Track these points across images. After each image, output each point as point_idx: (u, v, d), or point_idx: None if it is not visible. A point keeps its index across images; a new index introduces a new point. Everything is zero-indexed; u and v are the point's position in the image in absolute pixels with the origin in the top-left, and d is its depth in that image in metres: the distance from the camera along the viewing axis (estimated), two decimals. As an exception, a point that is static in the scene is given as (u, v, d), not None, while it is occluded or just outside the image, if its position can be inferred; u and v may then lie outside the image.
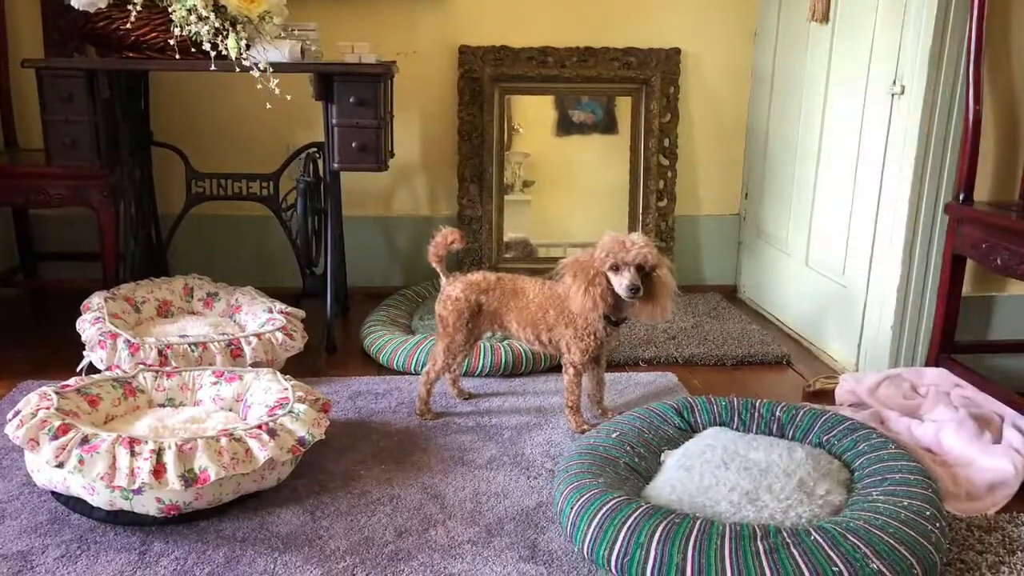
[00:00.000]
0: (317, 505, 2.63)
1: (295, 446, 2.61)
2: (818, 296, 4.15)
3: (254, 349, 3.37)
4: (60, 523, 2.51)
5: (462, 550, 2.40)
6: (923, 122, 3.40)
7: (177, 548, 2.39)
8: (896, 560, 2.12)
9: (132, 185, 4.12)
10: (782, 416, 2.89)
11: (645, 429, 2.82)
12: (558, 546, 2.42)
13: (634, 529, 2.23)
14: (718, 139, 5.01)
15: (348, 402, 3.38)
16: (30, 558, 2.33)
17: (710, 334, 4.18)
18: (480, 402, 3.42)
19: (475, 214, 4.80)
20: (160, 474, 2.37)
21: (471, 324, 3.19)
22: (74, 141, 3.64)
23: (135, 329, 3.57)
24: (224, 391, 2.98)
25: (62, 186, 3.77)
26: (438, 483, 2.77)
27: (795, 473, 2.49)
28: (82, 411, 2.70)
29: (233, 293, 3.92)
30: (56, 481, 2.48)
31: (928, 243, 3.50)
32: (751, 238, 4.95)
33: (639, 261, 2.89)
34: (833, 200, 4.06)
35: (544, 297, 3.12)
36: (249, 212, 4.61)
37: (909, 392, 3.27)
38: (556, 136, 4.92)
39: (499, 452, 2.99)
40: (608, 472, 2.55)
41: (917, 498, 2.34)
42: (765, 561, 2.11)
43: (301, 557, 2.36)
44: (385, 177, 4.75)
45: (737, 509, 2.36)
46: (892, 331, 3.57)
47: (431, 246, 3.19)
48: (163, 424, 2.74)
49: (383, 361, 3.77)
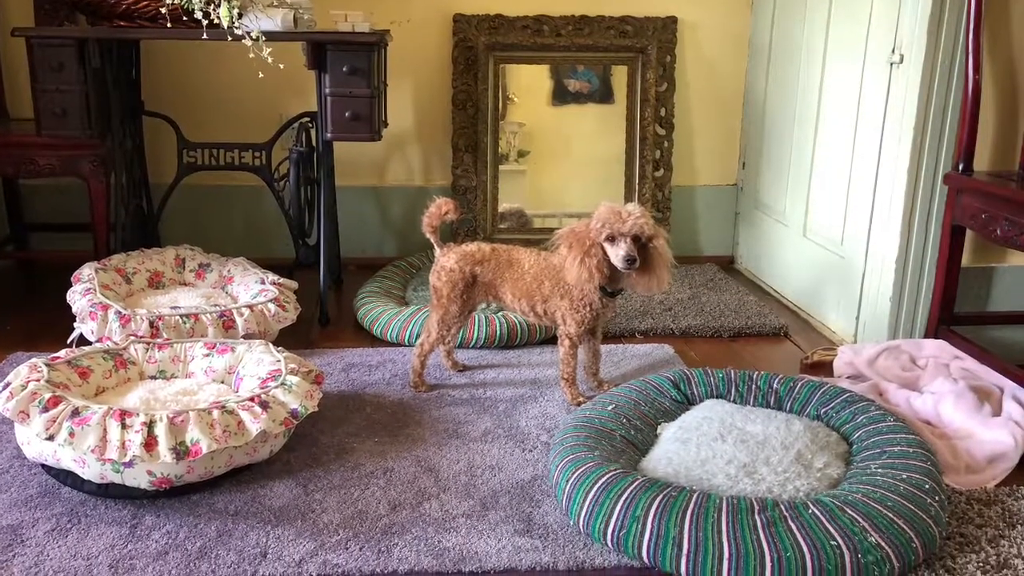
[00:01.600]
0: (310, 478, 2.61)
1: (288, 418, 2.59)
2: (816, 267, 4.13)
3: (246, 321, 3.34)
4: (50, 496, 2.50)
5: (456, 524, 2.39)
6: (922, 91, 3.37)
7: (169, 522, 2.38)
8: (895, 534, 2.11)
9: (123, 155, 4.10)
10: (780, 388, 2.87)
11: (641, 401, 2.81)
12: (554, 519, 2.41)
13: (630, 502, 2.22)
14: (715, 109, 4.98)
15: (341, 374, 3.36)
16: (20, 532, 2.32)
17: (707, 305, 4.16)
18: (475, 374, 3.40)
19: (470, 184, 4.78)
20: (151, 447, 2.35)
21: (465, 295, 3.16)
22: (64, 111, 3.62)
23: (126, 300, 3.55)
24: (216, 363, 2.96)
25: (52, 156, 3.76)
26: (432, 456, 2.76)
27: (793, 446, 2.47)
28: (72, 383, 2.69)
29: (225, 264, 3.90)
30: (46, 454, 2.46)
31: (927, 214, 3.47)
32: (748, 208, 4.93)
33: (635, 232, 2.87)
34: (831, 170, 4.03)
35: (539, 268, 3.10)
36: (241, 182, 4.58)
37: (908, 364, 3.25)
38: (551, 106, 4.90)
39: (494, 425, 2.98)
40: (604, 445, 2.53)
41: (916, 471, 2.33)
42: (763, 535, 2.10)
43: (294, 531, 2.34)
44: (379, 147, 4.72)
45: (734, 482, 2.35)
46: (891, 302, 3.55)
47: (425, 216, 3.17)
48: (154, 396, 2.72)
49: (377, 333, 3.75)
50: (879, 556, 2.08)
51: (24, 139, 3.81)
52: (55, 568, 2.17)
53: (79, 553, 2.23)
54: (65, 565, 2.18)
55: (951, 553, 2.24)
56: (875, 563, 2.07)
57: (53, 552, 2.24)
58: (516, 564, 2.22)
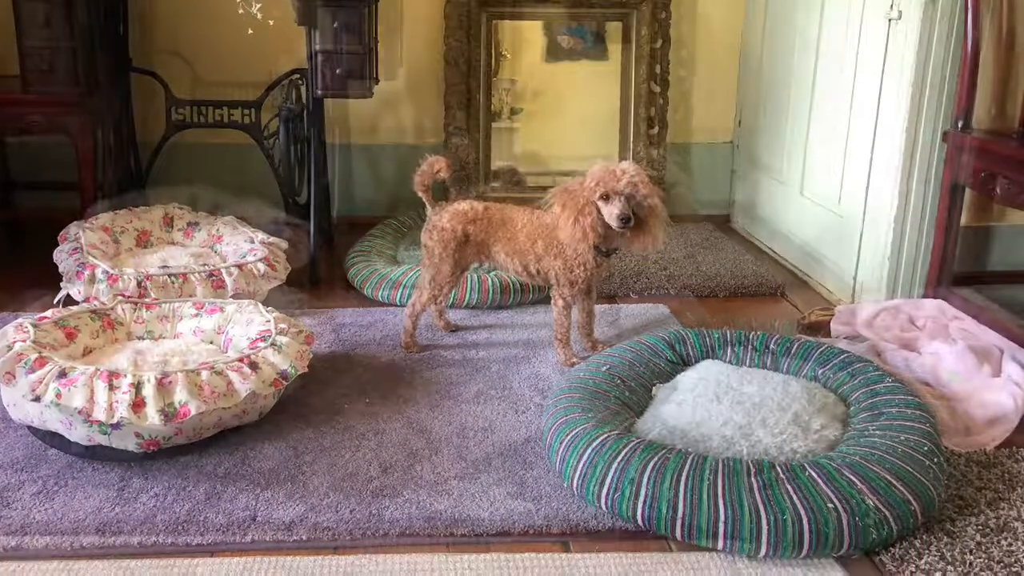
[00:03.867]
0: (300, 440, 2.59)
1: (277, 379, 2.57)
2: (813, 226, 4.10)
3: (236, 280, 3.32)
4: (37, 459, 2.48)
5: (449, 486, 2.37)
6: (921, 48, 3.33)
7: (157, 484, 2.36)
8: (893, 496, 2.10)
9: (110, 112, 4.07)
10: (776, 349, 2.85)
11: (636, 362, 2.78)
12: (547, 482, 2.39)
13: (625, 464, 2.21)
14: (711, 65, 4.93)
15: (332, 334, 3.33)
16: (5, 495, 2.30)
17: (703, 265, 4.13)
18: (467, 334, 3.38)
19: (462, 142, 4.73)
20: (139, 408, 2.33)
21: (458, 255, 3.13)
22: (51, 67, 3.60)
23: (113, 260, 3.52)
24: (205, 323, 2.94)
25: (39, 113, 3.73)
26: (424, 417, 2.74)
27: (790, 407, 2.45)
28: (59, 344, 2.66)
29: (214, 223, 3.87)
30: (32, 416, 2.45)
31: (926, 172, 3.43)
32: (745, 166, 4.89)
33: (630, 190, 2.84)
34: (829, 128, 3.99)
35: (533, 227, 3.07)
36: (231, 140, 4.54)
37: (906, 324, 3.23)
38: (545, 62, 4.87)
39: (486, 386, 2.96)
40: (598, 406, 2.51)
41: (915, 433, 2.31)
42: (759, 497, 2.08)
43: (284, 493, 2.33)
44: (370, 104, 4.66)
45: (730, 444, 2.33)
46: (889, 262, 3.52)
47: (417, 174, 3.14)
48: (142, 357, 2.69)
49: (368, 292, 3.72)
50: (877, 519, 2.06)
51: (10, 96, 3.79)
52: (41, 531, 2.16)
53: (66, 516, 2.22)
54: (52, 528, 2.17)
55: (950, 516, 2.23)
56: (873, 526, 2.06)
57: (39, 515, 2.22)
58: (509, 527, 2.21)
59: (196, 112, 4.24)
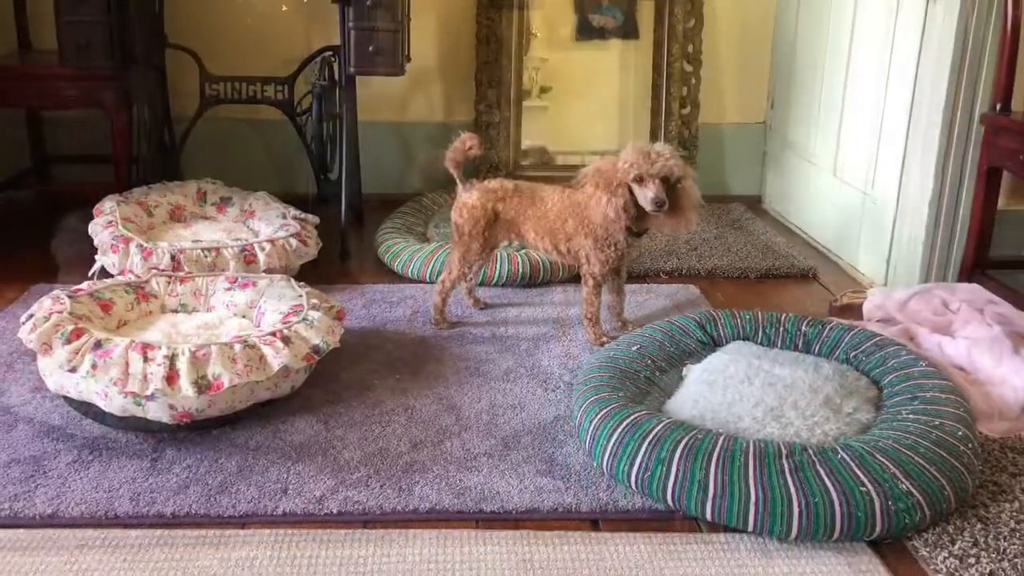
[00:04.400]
0: (331, 415, 2.60)
1: (309, 354, 2.58)
2: (846, 208, 4.07)
3: (268, 255, 3.34)
4: (72, 428, 2.50)
5: (478, 463, 2.37)
6: (959, 27, 3.30)
7: (189, 456, 2.38)
8: (926, 481, 2.08)
9: (146, 87, 4.10)
10: (808, 331, 2.84)
11: (666, 342, 2.78)
12: (576, 460, 2.39)
13: (655, 444, 2.20)
14: (744, 45, 4.91)
15: (362, 310, 3.35)
16: (43, 463, 2.33)
17: (733, 246, 4.12)
18: (496, 312, 3.38)
19: (492, 120, 4.74)
20: (173, 380, 2.35)
21: (487, 232, 3.13)
22: (88, 42, 3.61)
23: (147, 233, 3.55)
24: (238, 297, 2.94)
25: (75, 88, 3.76)
26: (453, 394, 2.74)
27: (821, 390, 2.44)
28: (95, 316, 2.68)
29: (247, 198, 3.89)
30: (69, 386, 2.46)
31: (962, 154, 3.41)
32: (777, 147, 4.87)
33: (664, 173, 2.82)
34: (863, 109, 3.96)
35: (563, 206, 3.06)
36: (264, 116, 4.56)
37: (940, 308, 3.20)
38: (575, 41, 4.85)
39: (516, 364, 2.96)
40: (628, 386, 2.51)
41: (948, 417, 2.29)
42: (790, 479, 2.07)
43: (314, 467, 2.34)
44: (401, 82, 4.67)
45: (761, 426, 2.32)
46: (923, 245, 3.50)
47: (448, 151, 3.13)
48: (176, 330, 2.72)
49: (398, 269, 3.73)
50: (910, 503, 2.05)
51: (47, 71, 3.81)
52: (77, 500, 2.18)
53: (100, 485, 2.24)
54: (87, 497, 2.19)
55: (983, 502, 2.21)
56: (906, 510, 2.05)
57: (75, 484, 2.24)
58: (538, 504, 2.20)
59: (230, 88, 4.25)
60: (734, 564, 2.02)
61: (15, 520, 2.11)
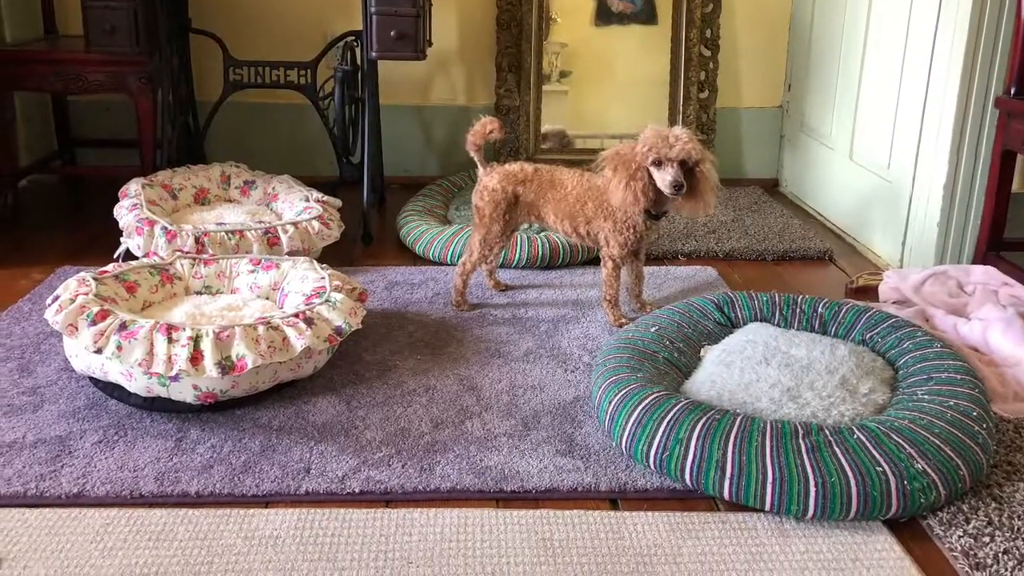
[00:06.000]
0: (353, 395, 2.63)
1: (332, 335, 2.60)
2: (862, 191, 4.08)
3: (291, 238, 3.36)
4: (98, 408, 2.53)
5: (498, 442, 2.39)
6: (974, 11, 3.30)
7: (213, 436, 2.40)
8: (942, 461, 2.10)
9: (170, 72, 4.12)
10: (824, 312, 2.85)
11: (684, 324, 2.79)
12: (595, 440, 2.41)
13: (673, 424, 2.21)
14: (761, 29, 4.91)
15: (384, 292, 3.37)
16: (68, 442, 2.35)
17: (751, 228, 4.13)
18: (516, 294, 3.40)
19: (512, 104, 4.76)
20: (197, 361, 2.37)
21: (508, 215, 3.15)
22: (113, 28, 3.64)
23: (172, 216, 3.58)
24: (261, 279, 2.97)
25: (101, 73, 3.80)
26: (474, 375, 2.76)
27: (838, 370, 2.46)
28: (120, 297, 2.71)
29: (270, 181, 3.91)
30: (94, 367, 2.48)
31: (977, 138, 3.41)
32: (794, 131, 4.88)
33: (683, 157, 2.83)
34: (879, 93, 3.97)
35: (582, 189, 3.08)
36: (286, 100, 4.61)
37: (955, 290, 3.22)
38: (594, 26, 4.86)
39: (536, 345, 2.98)
40: (647, 367, 2.52)
41: (963, 398, 2.31)
42: (807, 459, 2.09)
43: (337, 447, 2.36)
44: (422, 66, 4.70)
45: (778, 406, 2.34)
46: (938, 227, 3.51)
47: (469, 135, 3.14)
48: (200, 311, 2.73)
49: (419, 251, 3.75)
50: (925, 483, 2.07)
51: (73, 56, 3.85)
52: (102, 479, 2.20)
53: (126, 465, 2.26)
54: (112, 476, 2.21)
55: (998, 481, 2.23)
56: (921, 490, 2.06)
57: (100, 463, 2.26)
58: (558, 484, 2.22)
59: (253, 72, 4.28)
60: (751, 543, 2.04)
61: (41, 499, 2.14)
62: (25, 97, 4.48)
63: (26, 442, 2.35)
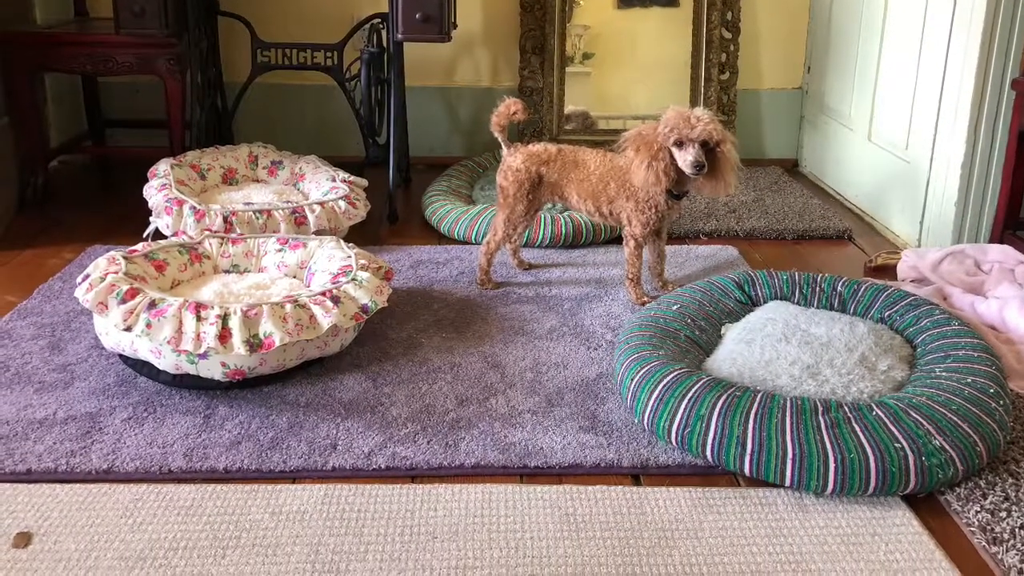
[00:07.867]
0: (379, 372, 2.65)
1: (358, 313, 2.62)
2: (880, 171, 4.09)
3: (318, 217, 3.39)
4: (127, 386, 2.56)
5: (522, 419, 2.42)
6: (992, -8, 3.31)
7: (241, 412, 2.43)
8: (959, 437, 2.12)
9: (198, 54, 4.15)
10: (843, 291, 2.86)
11: (706, 302, 2.81)
12: (618, 417, 2.43)
13: (695, 401, 2.23)
14: (781, 12, 4.92)
15: (409, 271, 3.40)
16: (99, 419, 2.39)
17: (771, 208, 4.15)
18: (540, 273, 3.43)
19: (536, 86, 4.77)
20: (225, 339, 2.39)
21: (531, 195, 3.18)
22: (143, 10, 3.67)
23: (200, 196, 3.61)
24: (288, 258, 3.00)
25: (130, 54, 3.84)
26: (498, 352, 2.79)
27: (857, 348, 2.48)
28: (149, 276, 2.73)
29: (297, 161, 3.94)
30: (124, 344, 2.51)
31: (994, 119, 3.42)
32: (813, 112, 4.88)
33: (704, 137, 2.85)
34: (897, 74, 3.97)
35: (605, 169, 3.10)
36: (313, 81, 4.64)
37: (972, 268, 3.23)
38: (617, 8, 4.87)
39: (559, 323, 3.00)
40: (668, 344, 2.54)
41: (981, 375, 2.32)
42: (826, 436, 2.11)
43: (363, 423, 2.39)
44: (447, 48, 4.73)
45: (798, 383, 2.36)
46: (956, 207, 3.52)
47: (494, 115, 3.16)
48: (228, 290, 2.76)
49: (444, 231, 3.78)
50: (943, 459, 2.08)
51: (103, 38, 3.88)
52: (132, 455, 2.23)
53: (155, 441, 2.29)
54: (141, 452, 2.24)
55: (1015, 458, 2.24)
56: (939, 466, 2.08)
57: (130, 440, 2.30)
58: (581, 460, 2.25)
59: (280, 54, 4.31)
60: (772, 518, 2.06)
61: (72, 475, 2.17)
62: (56, 78, 4.52)
63: (57, 419, 2.39)
